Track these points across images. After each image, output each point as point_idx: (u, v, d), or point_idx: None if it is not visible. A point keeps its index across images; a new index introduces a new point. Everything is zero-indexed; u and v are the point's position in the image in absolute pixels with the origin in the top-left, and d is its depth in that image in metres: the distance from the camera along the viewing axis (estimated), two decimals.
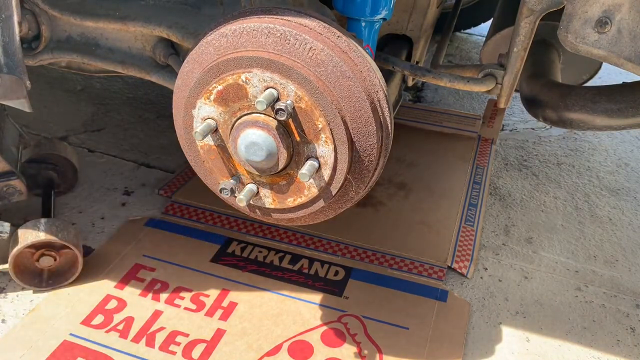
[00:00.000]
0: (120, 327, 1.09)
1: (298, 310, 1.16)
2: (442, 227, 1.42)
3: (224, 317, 1.13)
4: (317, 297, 1.20)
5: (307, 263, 1.29)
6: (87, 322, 1.09)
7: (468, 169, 1.68)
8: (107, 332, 1.08)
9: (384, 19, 0.90)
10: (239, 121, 0.77)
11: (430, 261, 1.30)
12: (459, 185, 1.60)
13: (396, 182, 1.59)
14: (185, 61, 0.81)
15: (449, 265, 1.29)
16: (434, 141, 1.83)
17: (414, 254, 1.32)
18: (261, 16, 0.77)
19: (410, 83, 1.07)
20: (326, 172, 0.78)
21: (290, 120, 0.75)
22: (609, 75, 1.99)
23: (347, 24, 0.90)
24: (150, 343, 1.06)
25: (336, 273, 1.27)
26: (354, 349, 1.08)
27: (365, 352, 1.08)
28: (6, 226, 1.13)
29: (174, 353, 1.04)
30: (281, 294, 1.20)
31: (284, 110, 0.71)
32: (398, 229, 1.41)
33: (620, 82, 1.14)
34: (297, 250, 1.33)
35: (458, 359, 1.07)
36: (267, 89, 0.74)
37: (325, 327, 1.12)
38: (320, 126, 0.74)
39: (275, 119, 0.75)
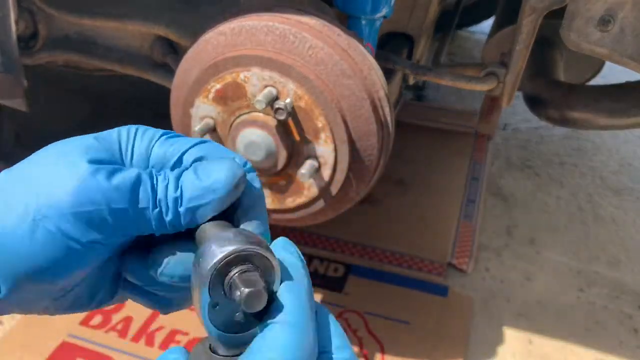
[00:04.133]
0: (119, 327, 1.08)
1: None
2: (441, 223, 1.42)
3: None
4: (317, 294, 1.19)
5: (306, 260, 1.29)
6: (85, 322, 1.09)
7: (466, 165, 1.67)
8: (106, 332, 1.07)
9: (384, 17, 0.89)
10: (238, 120, 0.76)
11: (430, 257, 1.30)
12: (457, 181, 1.60)
13: (394, 179, 1.59)
14: (184, 59, 0.80)
15: (449, 261, 1.29)
16: (431, 137, 1.82)
17: (414, 250, 1.32)
18: (260, 14, 0.76)
19: (411, 82, 1.06)
20: (326, 172, 0.77)
21: (289, 120, 0.74)
22: (612, 74, 1.98)
23: (347, 22, 0.89)
24: (150, 342, 1.05)
25: (336, 270, 1.27)
26: (356, 344, 1.07)
27: (367, 347, 1.07)
28: None
29: None
30: None
31: (283, 110, 0.71)
32: (397, 225, 1.41)
33: (624, 81, 1.13)
34: None
35: (459, 353, 1.07)
36: (266, 87, 0.73)
37: None
38: (320, 125, 0.74)
39: (274, 118, 0.74)
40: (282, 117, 0.71)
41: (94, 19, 0.95)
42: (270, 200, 0.82)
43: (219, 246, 0.30)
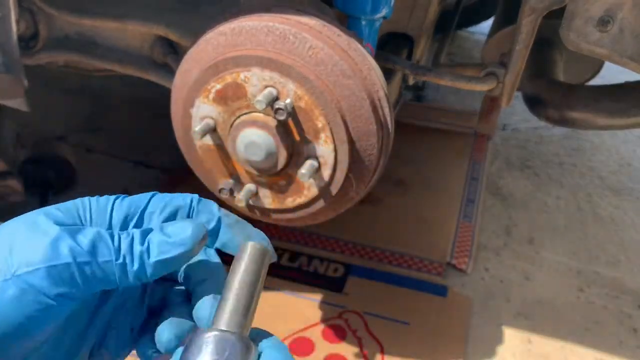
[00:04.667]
0: None
1: (298, 308, 1.16)
2: (441, 223, 1.42)
3: None
4: (317, 294, 1.19)
5: (306, 260, 1.29)
6: None
7: (465, 165, 1.67)
8: None
9: (384, 17, 0.89)
10: (238, 120, 0.76)
11: (430, 257, 1.30)
12: (456, 181, 1.60)
13: (394, 179, 1.59)
14: (184, 60, 0.80)
15: (448, 261, 1.29)
16: (430, 137, 1.82)
17: (413, 250, 1.32)
18: (260, 14, 0.76)
19: (411, 82, 1.06)
20: (326, 172, 0.77)
21: (289, 120, 0.74)
22: (612, 74, 1.98)
23: (347, 22, 0.89)
24: None
25: (335, 270, 1.27)
26: (355, 345, 1.08)
27: (367, 347, 1.07)
28: None
29: None
30: (281, 291, 1.20)
31: (283, 110, 0.71)
32: (396, 225, 1.41)
33: (623, 82, 1.13)
34: (296, 247, 1.33)
35: (459, 352, 1.07)
36: (266, 88, 0.73)
37: (326, 324, 1.12)
38: (320, 125, 0.74)
39: (274, 118, 0.74)
40: (282, 118, 0.71)
41: (94, 19, 0.95)
42: (270, 200, 0.83)
43: None
